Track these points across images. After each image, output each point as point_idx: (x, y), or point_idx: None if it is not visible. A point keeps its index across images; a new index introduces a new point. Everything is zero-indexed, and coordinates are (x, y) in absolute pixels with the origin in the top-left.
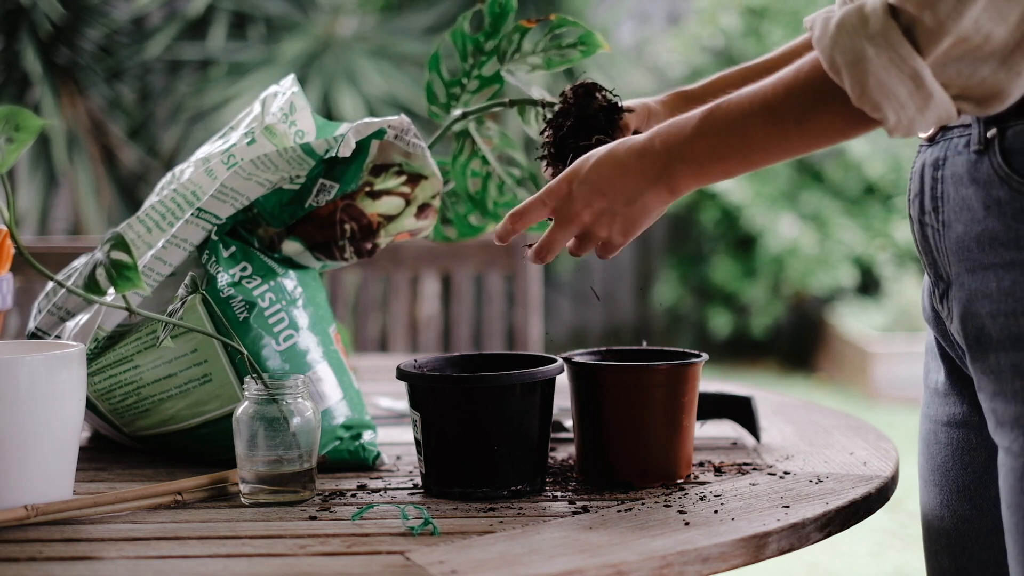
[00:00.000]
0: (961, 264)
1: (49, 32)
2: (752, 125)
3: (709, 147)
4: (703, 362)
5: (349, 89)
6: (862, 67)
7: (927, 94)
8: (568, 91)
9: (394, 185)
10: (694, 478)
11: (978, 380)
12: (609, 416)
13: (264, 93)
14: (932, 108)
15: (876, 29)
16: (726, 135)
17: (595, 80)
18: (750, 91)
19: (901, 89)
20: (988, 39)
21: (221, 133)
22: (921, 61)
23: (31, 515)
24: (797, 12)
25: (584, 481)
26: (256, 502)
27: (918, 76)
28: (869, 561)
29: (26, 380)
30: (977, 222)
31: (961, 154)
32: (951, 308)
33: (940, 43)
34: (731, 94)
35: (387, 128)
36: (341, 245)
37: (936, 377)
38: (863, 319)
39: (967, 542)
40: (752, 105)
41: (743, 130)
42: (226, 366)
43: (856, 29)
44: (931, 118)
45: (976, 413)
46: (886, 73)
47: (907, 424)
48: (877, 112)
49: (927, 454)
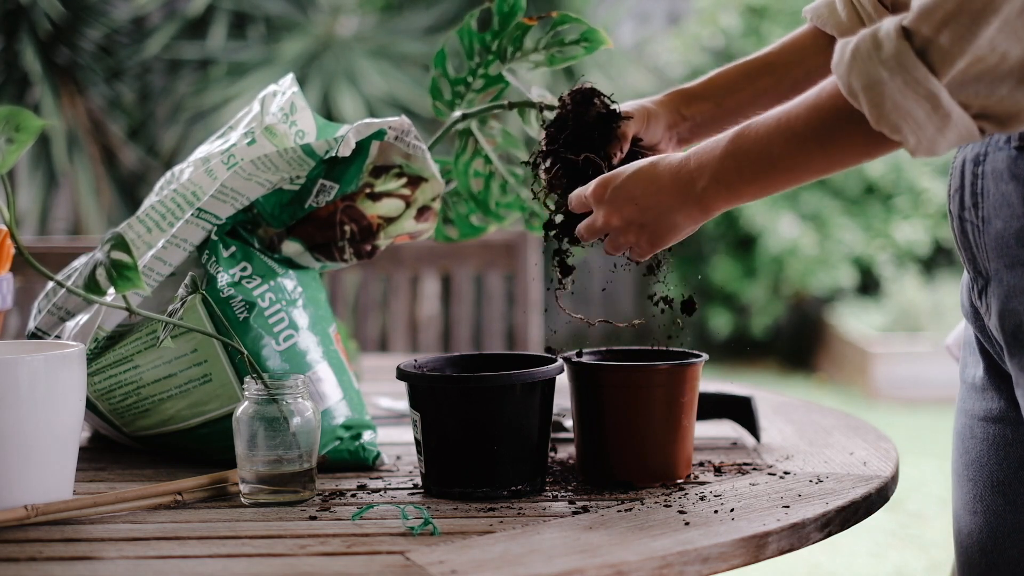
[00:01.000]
0: (1000, 260)
1: (49, 32)
2: (777, 148)
3: (738, 169)
4: (703, 362)
5: (349, 89)
6: (878, 90)
7: (944, 114)
8: (566, 96)
9: (395, 187)
10: (694, 478)
11: (1016, 376)
12: (609, 416)
13: (263, 92)
14: (951, 128)
15: (890, 52)
16: (753, 158)
17: (593, 84)
18: (774, 115)
19: (918, 111)
20: (1004, 58)
21: (220, 132)
22: (936, 82)
23: (31, 515)
24: (797, 12)
25: (585, 481)
26: (256, 502)
27: (934, 97)
28: (869, 561)
29: (26, 380)
30: (1017, 218)
31: (1002, 150)
32: (989, 304)
33: (955, 64)
34: (757, 117)
35: (387, 129)
36: (341, 246)
37: (974, 372)
38: (863, 319)
39: (999, 538)
40: (777, 128)
41: (768, 153)
42: (226, 366)
43: (871, 54)
44: (951, 138)
45: (1014, 409)
46: (902, 96)
47: (907, 424)
48: (896, 134)
49: (961, 448)
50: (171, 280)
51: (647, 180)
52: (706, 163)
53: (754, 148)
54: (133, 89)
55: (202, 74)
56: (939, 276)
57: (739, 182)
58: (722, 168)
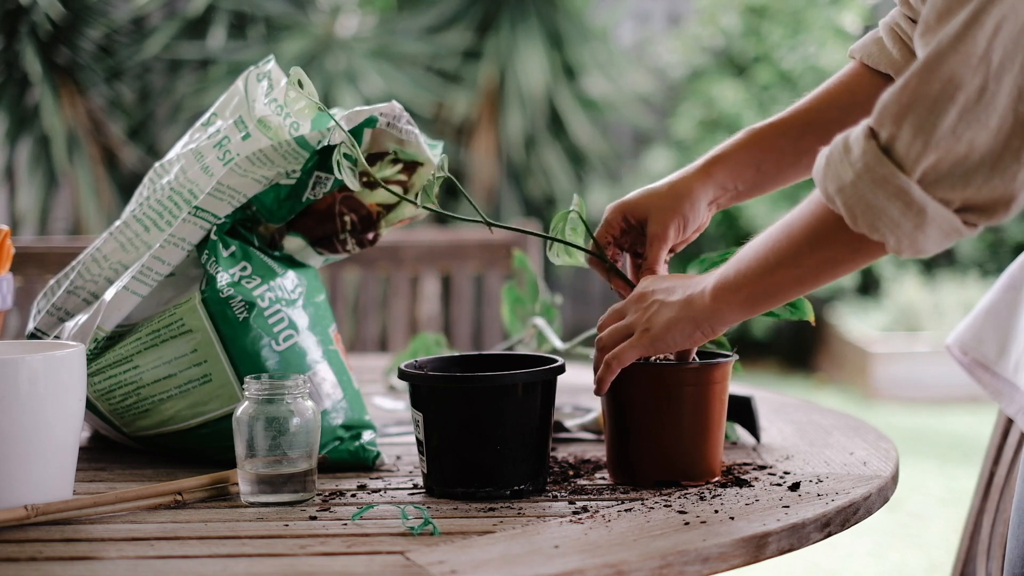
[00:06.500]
0: None
1: (49, 32)
2: (775, 250)
3: (737, 266)
4: (732, 361)
5: (349, 89)
6: (849, 192)
7: (919, 210)
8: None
9: (391, 174)
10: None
11: None
12: (640, 415)
13: (244, 74)
14: (929, 224)
15: (857, 154)
16: (750, 258)
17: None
18: (784, 217)
19: (892, 209)
20: (973, 147)
21: (204, 119)
22: (905, 178)
23: (31, 515)
24: (797, 12)
25: (618, 481)
26: (256, 502)
27: (905, 193)
28: (869, 561)
29: (26, 380)
30: None
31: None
32: None
33: (922, 158)
34: (753, 239)
35: (379, 116)
36: (343, 238)
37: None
38: (863, 319)
39: None
40: (779, 230)
41: (767, 254)
42: (226, 366)
43: (841, 157)
44: (933, 235)
45: None
46: (873, 195)
47: (907, 424)
48: (875, 234)
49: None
50: (170, 280)
51: (660, 304)
52: (717, 269)
53: (757, 246)
54: (133, 89)
55: (202, 74)
56: (939, 276)
57: (738, 281)
58: (727, 267)
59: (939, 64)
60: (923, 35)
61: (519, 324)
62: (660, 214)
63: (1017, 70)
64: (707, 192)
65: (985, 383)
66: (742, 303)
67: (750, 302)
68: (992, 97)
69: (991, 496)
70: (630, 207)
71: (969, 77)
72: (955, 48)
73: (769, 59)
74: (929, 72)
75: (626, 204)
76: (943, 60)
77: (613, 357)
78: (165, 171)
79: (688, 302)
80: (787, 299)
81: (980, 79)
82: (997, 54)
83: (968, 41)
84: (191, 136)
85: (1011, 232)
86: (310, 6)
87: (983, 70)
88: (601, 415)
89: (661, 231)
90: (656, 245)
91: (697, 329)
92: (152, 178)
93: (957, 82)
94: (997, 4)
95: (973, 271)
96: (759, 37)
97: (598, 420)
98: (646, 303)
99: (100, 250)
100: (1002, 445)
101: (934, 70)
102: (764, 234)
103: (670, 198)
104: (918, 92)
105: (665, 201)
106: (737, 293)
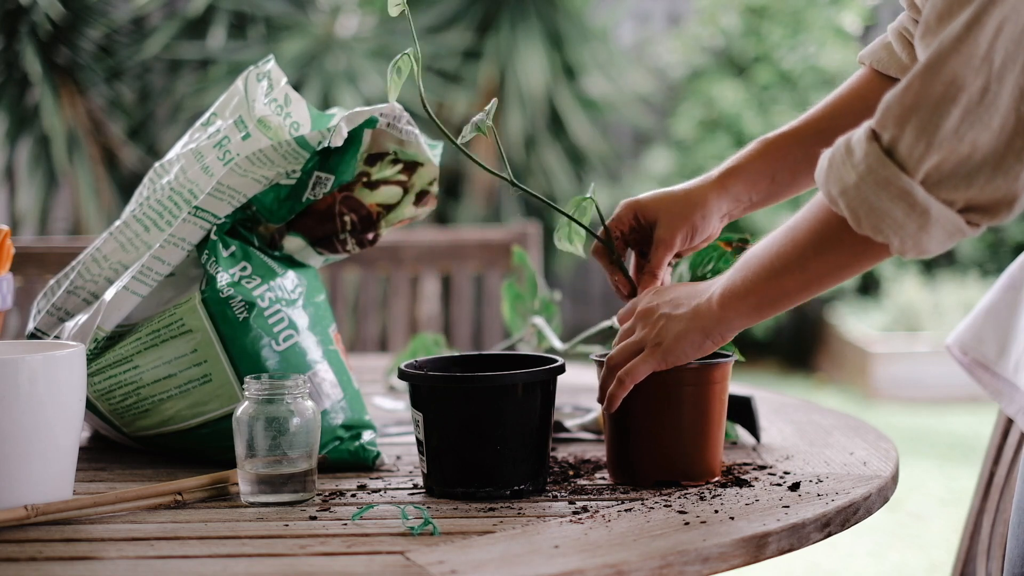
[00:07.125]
0: None
1: (49, 32)
2: (781, 253)
3: (743, 271)
4: (732, 362)
5: (349, 89)
6: (852, 194)
7: (923, 211)
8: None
9: (391, 174)
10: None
11: None
12: (640, 416)
13: (243, 73)
14: (933, 224)
15: (860, 156)
16: (755, 262)
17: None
18: (789, 221)
19: (895, 210)
20: (976, 147)
21: (204, 120)
22: (909, 179)
23: (31, 515)
24: (797, 12)
25: (618, 481)
26: (256, 502)
27: (908, 195)
28: (869, 561)
29: (26, 380)
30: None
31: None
32: None
33: (925, 159)
34: (757, 244)
35: (379, 116)
36: (343, 238)
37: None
38: (863, 319)
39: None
40: (784, 233)
41: (773, 257)
42: (226, 366)
43: (844, 159)
44: (937, 235)
45: None
46: (876, 197)
47: (907, 424)
48: (879, 235)
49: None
50: (170, 280)
51: (670, 314)
52: (721, 276)
53: (762, 251)
54: (133, 89)
55: (202, 74)
56: (939, 276)
57: (745, 288)
58: (732, 273)
59: (941, 65)
60: (923, 37)
61: (519, 321)
62: (670, 220)
63: (1019, 70)
64: (721, 205)
65: (985, 383)
66: (750, 310)
67: (758, 308)
68: (994, 97)
69: (991, 496)
70: (642, 207)
71: (971, 78)
72: (957, 49)
73: (769, 59)
74: (931, 73)
75: (639, 203)
76: (945, 61)
77: (626, 373)
78: (165, 171)
79: (696, 313)
80: (795, 303)
81: (982, 80)
82: (999, 55)
83: (970, 42)
84: (191, 136)
85: (1011, 232)
86: (310, 6)
87: (985, 71)
88: (601, 415)
89: (668, 237)
90: (661, 250)
91: (707, 339)
92: (152, 178)
93: (959, 83)
94: (998, 5)
95: (973, 271)
96: (759, 37)
97: (598, 420)
98: (653, 318)
99: (100, 250)
100: (1002, 445)
101: (936, 71)
102: (768, 239)
103: (683, 205)
104: (920, 94)
105: (677, 208)
106: (744, 300)
